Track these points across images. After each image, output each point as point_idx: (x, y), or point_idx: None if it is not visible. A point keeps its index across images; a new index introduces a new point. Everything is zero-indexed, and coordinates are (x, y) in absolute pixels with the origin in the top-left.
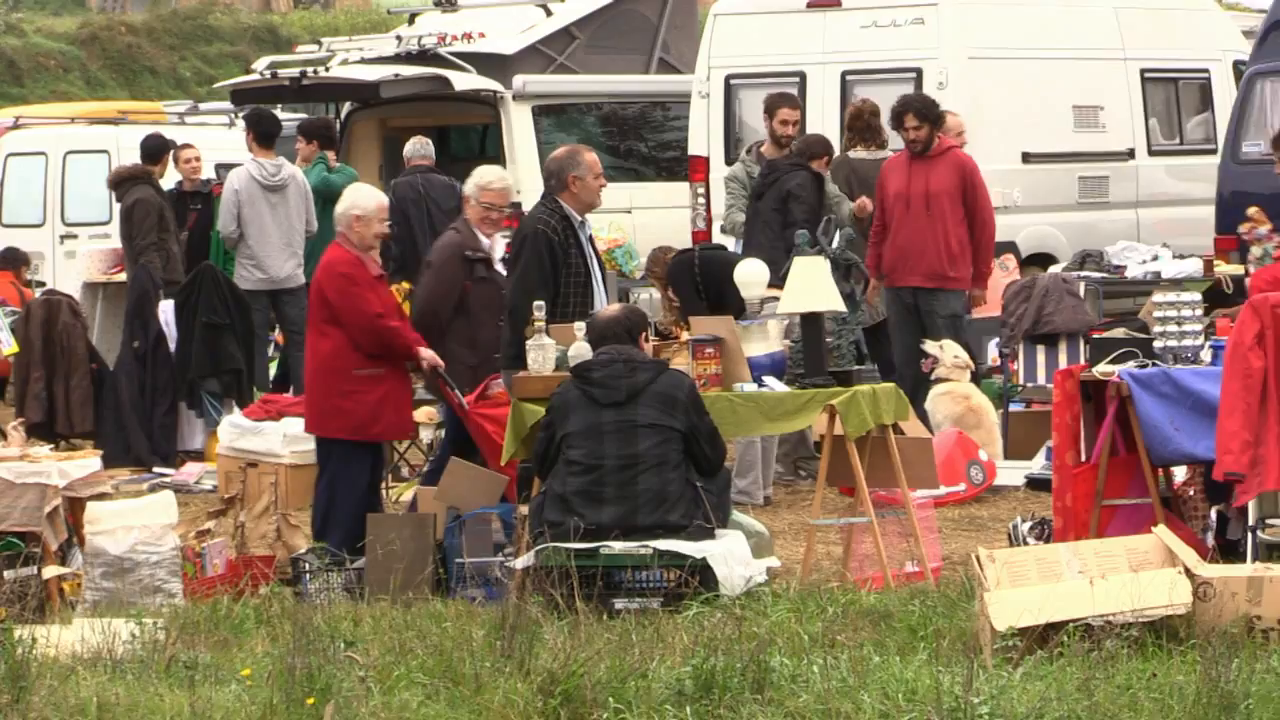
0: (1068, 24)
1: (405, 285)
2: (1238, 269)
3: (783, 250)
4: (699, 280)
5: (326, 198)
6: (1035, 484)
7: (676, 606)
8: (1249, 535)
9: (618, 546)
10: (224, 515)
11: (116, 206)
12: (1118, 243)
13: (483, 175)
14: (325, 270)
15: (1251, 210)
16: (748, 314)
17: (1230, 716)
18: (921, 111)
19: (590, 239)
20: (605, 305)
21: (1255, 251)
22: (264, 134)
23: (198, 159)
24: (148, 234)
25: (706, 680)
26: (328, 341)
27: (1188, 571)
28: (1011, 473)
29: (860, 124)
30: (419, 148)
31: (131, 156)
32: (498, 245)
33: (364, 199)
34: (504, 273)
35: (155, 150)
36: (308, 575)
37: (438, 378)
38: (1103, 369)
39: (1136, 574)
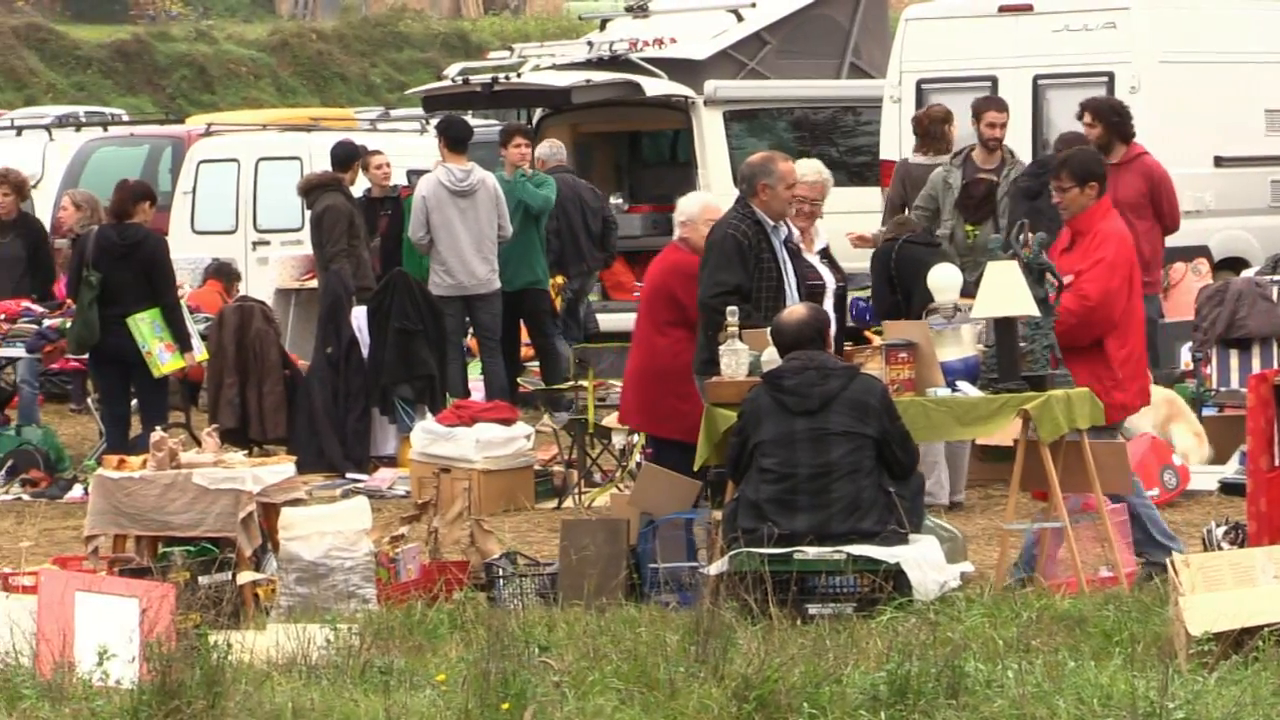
0: (1260, 27)
1: (559, 280)
2: None
3: None
4: (893, 272)
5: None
6: (1229, 489)
7: (870, 611)
8: None
9: (811, 552)
10: (417, 521)
11: (308, 213)
12: None
13: (799, 168)
14: (673, 272)
15: None
16: (939, 317)
17: None
18: (1097, 111)
19: (787, 242)
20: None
21: None
22: (455, 140)
23: (388, 165)
24: (338, 241)
25: (901, 685)
26: (666, 341)
27: None
28: (1205, 477)
29: (923, 129)
30: (554, 151)
31: (323, 163)
32: (819, 237)
33: (691, 204)
34: (815, 262)
35: (345, 157)
36: (501, 580)
37: None
38: None
39: None
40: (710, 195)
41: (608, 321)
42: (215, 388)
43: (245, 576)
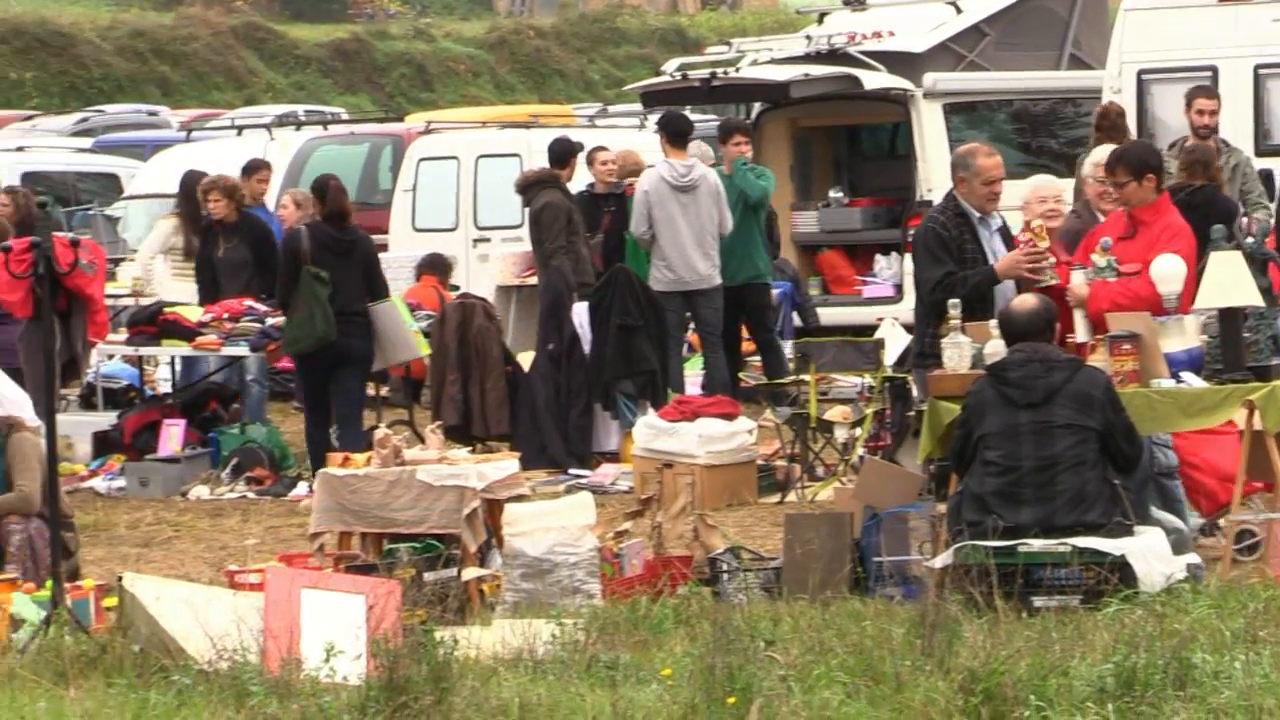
0: None
1: None
2: None
3: None
4: None
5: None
6: None
7: (1096, 604)
8: None
9: (1036, 544)
10: (641, 516)
11: (526, 210)
12: None
13: (1096, 155)
14: None
15: None
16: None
17: None
18: None
19: (1001, 232)
20: (1011, 299)
21: None
22: (676, 134)
23: (613, 161)
24: (556, 237)
25: (1128, 678)
26: None
27: None
28: None
29: (1107, 123)
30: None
31: (542, 160)
32: None
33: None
34: None
35: (563, 154)
36: (726, 575)
37: None
38: None
39: None
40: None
41: (829, 315)
42: (438, 385)
43: (470, 572)
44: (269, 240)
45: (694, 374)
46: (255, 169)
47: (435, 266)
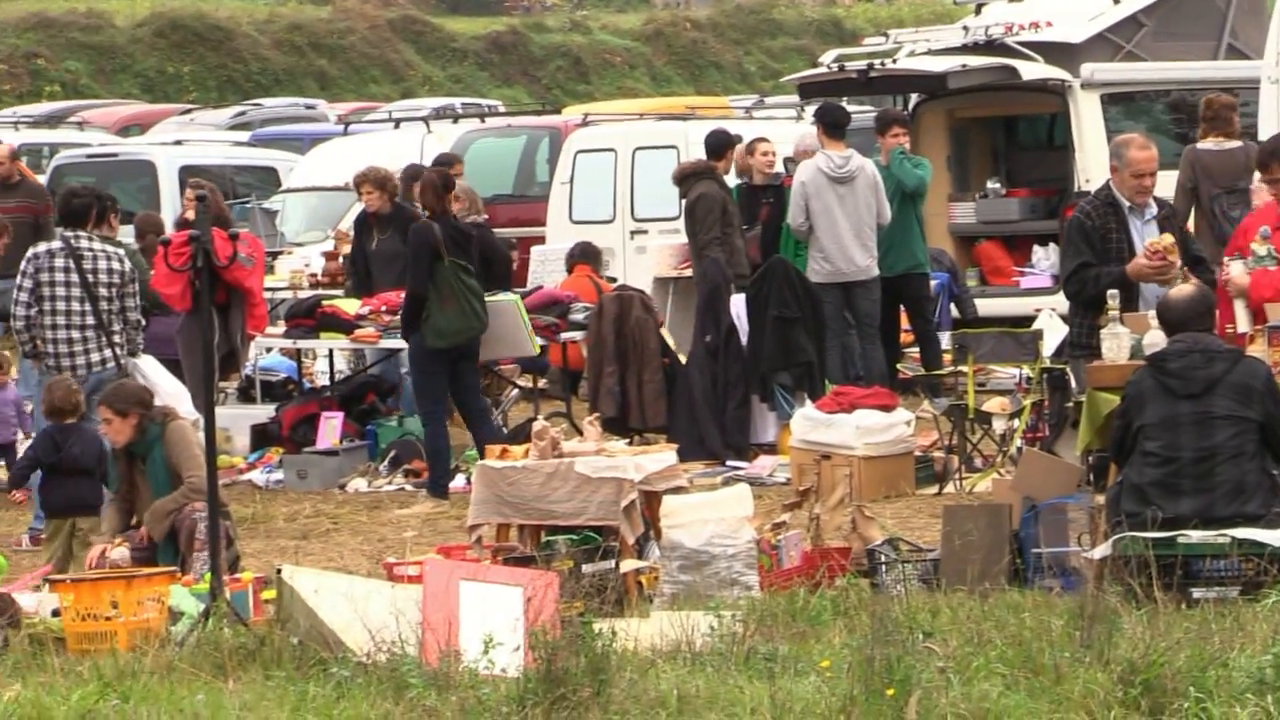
0: None
1: None
2: None
3: None
4: None
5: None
6: None
7: (1255, 595)
8: None
9: (1195, 535)
10: (798, 508)
11: (683, 202)
12: None
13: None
14: None
15: None
16: None
17: None
18: None
19: (1164, 221)
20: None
21: None
22: (833, 126)
23: (772, 153)
24: (710, 229)
25: None
26: None
27: None
28: None
29: (1211, 113)
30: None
31: (699, 152)
32: None
33: None
34: None
35: (719, 145)
36: (884, 566)
37: None
38: None
39: None
40: None
41: (986, 306)
42: (595, 376)
43: (628, 564)
44: None
45: None
46: (448, 164)
47: (587, 256)
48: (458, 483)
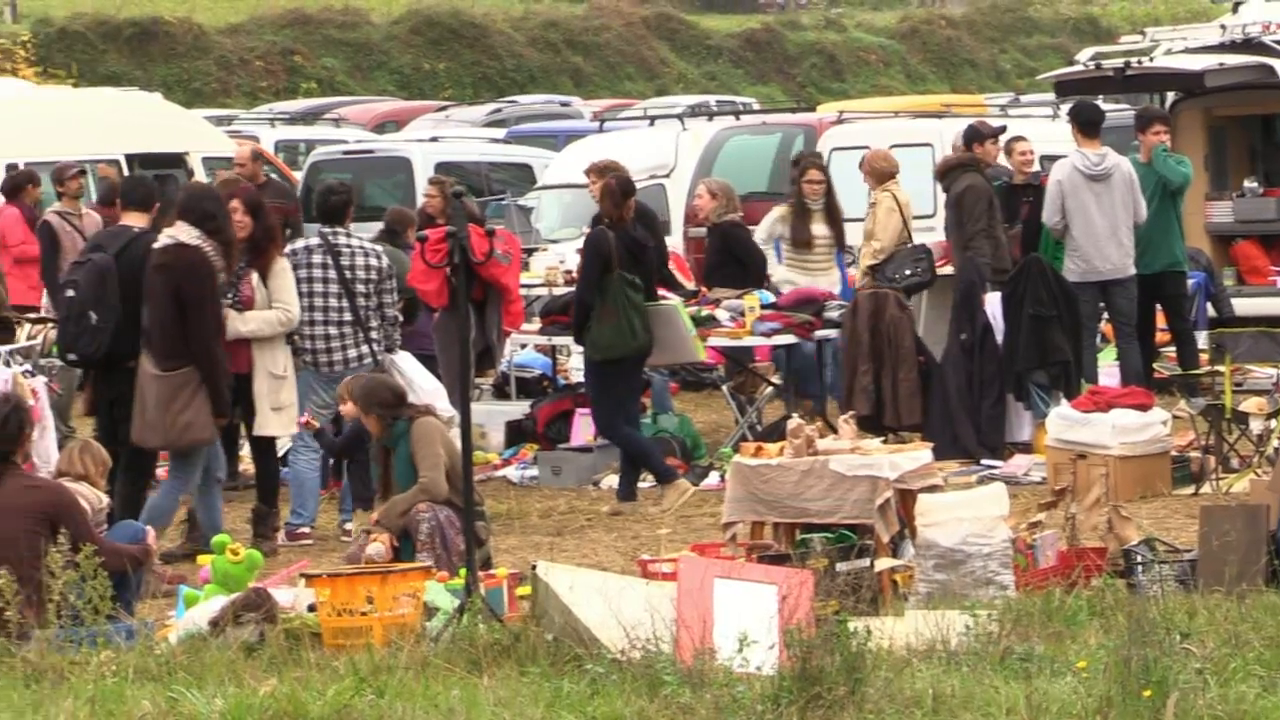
0: None
1: None
2: None
3: None
4: None
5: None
6: None
7: None
8: None
9: None
10: (1054, 507)
11: (940, 199)
12: None
13: None
14: None
15: None
16: None
17: None
18: None
19: None
20: None
21: None
22: (1088, 124)
23: (1030, 151)
24: (978, 220)
25: None
26: None
27: None
28: None
29: None
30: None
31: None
32: None
33: None
34: None
35: (977, 134)
36: (1140, 567)
37: None
38: None
39: None
40: None
41: (1243, 306)
42: (850, 375)
43: (883, 563)
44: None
45: (1107, 364)
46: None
47: None
48: (711, 480)
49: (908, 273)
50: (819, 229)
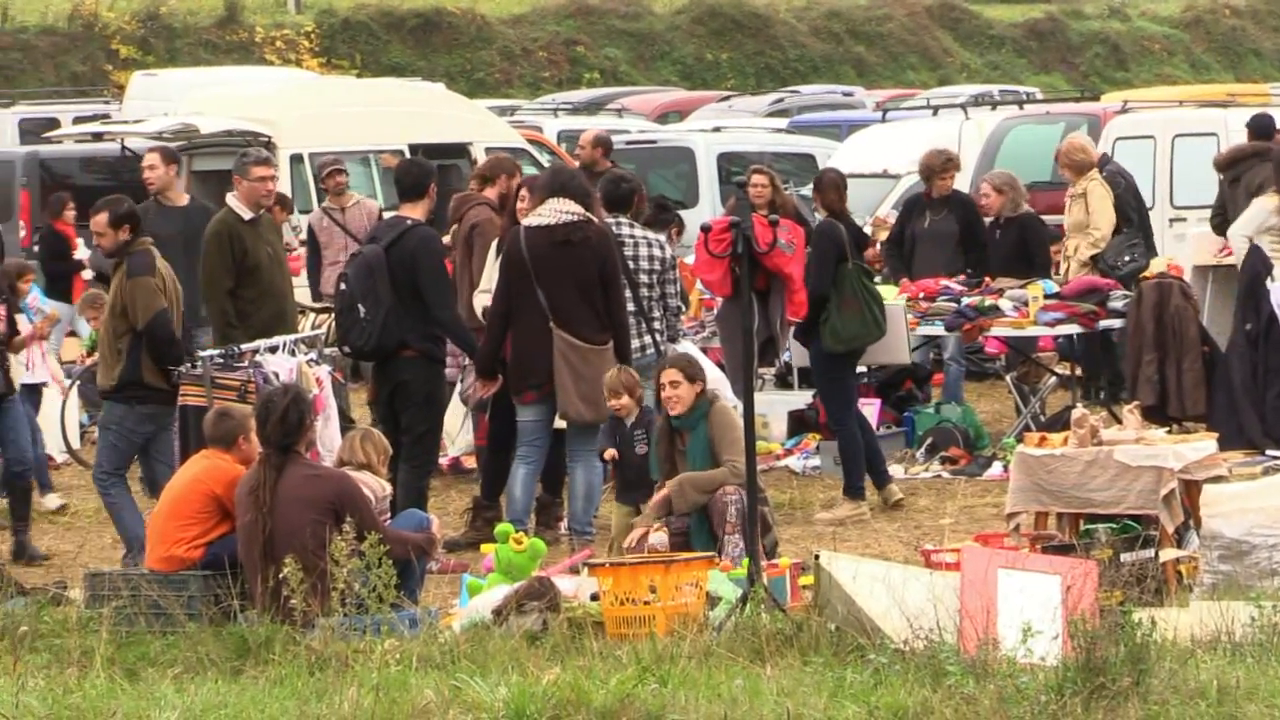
0: None
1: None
2: None
3: None
4: None
5: None
6: None
7: None
8: None
9: None
10: None
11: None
12: None
13: None
14: None
15: None
16: None
17: None
18: None
19: None
20: None
21: None
22: None
23: None
24: None
25: None
26: None
27: None
28: None
29: None
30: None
31: (1239, 139)
32: None
33: None
34: None
35: (1266, 130)
36: None
37: None
38: None
39: None
40: None
41: None
42: (1134, 365)
43: (1168, 553)
44: (977, 218)
45: None
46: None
47: None
48: (994, 470)
49: (1127, 259)
50: None
